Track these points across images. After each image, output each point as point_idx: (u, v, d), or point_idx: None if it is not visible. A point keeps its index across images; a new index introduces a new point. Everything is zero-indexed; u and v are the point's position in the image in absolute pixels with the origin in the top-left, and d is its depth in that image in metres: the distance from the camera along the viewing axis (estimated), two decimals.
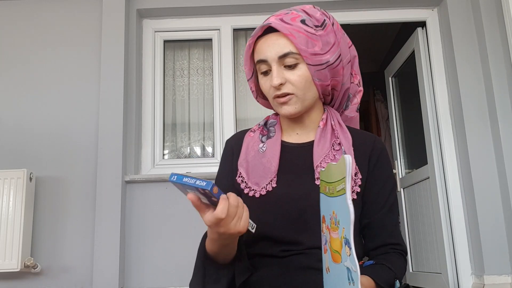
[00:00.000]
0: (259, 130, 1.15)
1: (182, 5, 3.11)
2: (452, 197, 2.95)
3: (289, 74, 1.04)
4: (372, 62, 5.54)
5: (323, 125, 1.09)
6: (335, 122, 1.10)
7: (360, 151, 1.07)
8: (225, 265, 0.99)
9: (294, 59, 1.03)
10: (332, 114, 1.11)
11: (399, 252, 1.04)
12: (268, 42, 1.05)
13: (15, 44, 3.07)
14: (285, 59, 1.03)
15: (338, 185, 0.76)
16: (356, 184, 1.03)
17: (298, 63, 1.03)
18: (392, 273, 0.97)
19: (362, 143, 1.09)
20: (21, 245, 2.61)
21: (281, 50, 1.03)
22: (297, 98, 1.04)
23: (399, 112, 3.93)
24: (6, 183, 2.68)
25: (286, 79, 1.03)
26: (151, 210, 2.84)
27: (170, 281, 2.73)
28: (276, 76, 1.03)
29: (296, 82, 1.03)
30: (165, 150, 3.15)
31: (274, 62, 1.04)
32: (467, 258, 2.85)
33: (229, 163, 1.14)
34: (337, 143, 1.06)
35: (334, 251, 0.78)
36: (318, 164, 1.03)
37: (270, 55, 1.04)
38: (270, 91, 1.06)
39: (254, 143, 1.11)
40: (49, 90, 3.00)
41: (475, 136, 2.84)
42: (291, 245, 1.01)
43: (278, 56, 1.03)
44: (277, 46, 1.03)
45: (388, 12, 3.22)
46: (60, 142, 2.92)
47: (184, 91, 3.25)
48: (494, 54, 2.85)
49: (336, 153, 1.05)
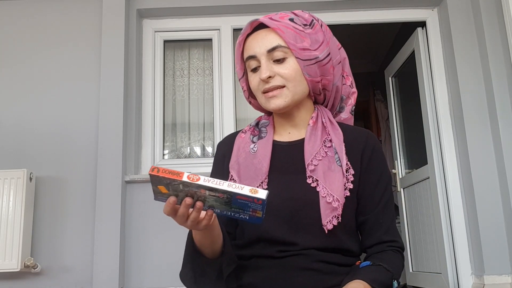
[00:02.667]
0: (250, 130, 1.15)
1: (182, 5, 3.11)
2: (452, 197, 2.95)
3: (278, 68, 1.04)
4: (372, 62, 5.54)
5: (313, 122, 1.09)
6: (326, 119, 1.10)
7: (352, 147, 1.07)
8: (212, 259, 1.00)
9: (282, 52, 1.04)
10: (323, 112, 1.12)
11: (396, 249, 1.03)
12: (257, 37, 1.06)
13: (15, 44, 3.07)
14: (274, 52, 1.04)
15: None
16: (348, 181, 1.02)
17: (286, 57, 1.04)
18: (390, 274, 0.96)
19: (355, 139, 1.08)
20: (21, 245, 2.61)
21: (269, 43, 1.04)
22: (288, 91, 1.04)
23: (399, 112, 3.93)
24: (6, 183, 2.68)
25: (275, 73, 1.04)
26: (151, 210, 2.84)
27: (170, 281, 2.73)
28: (265, 69, 1.04)
29: (285, 75, 1.04)
30: (165, 150, 3.15)
31: (263, 56, 1.04)
32: (467, 258, 2.85)
33: (220, 166, 1.14)
34: (328, 140, 1.06)
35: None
36: (309, 162, 1.03)
37: (258, 50, 1.05)
38: (259, 86, 1.06)
39: (245, 144, 1.11)
40: (49, 90, 3.00)
41: (475, 136, 2.84)
42: (287, 245, 1.01)
43: (267, 50, 1.04)
44: (265, 41, 1.04)
45: (388, 12, 3.22)
46: (60, 142, 2.92)
47: (184, 91, 3.25)
48: (494, 54, 2.85)
49: (328, 149, 1.05)
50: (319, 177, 1.01)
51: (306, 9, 3.16)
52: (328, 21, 3.15)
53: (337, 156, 1.03)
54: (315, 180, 1.01)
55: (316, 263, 0.99)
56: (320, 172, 1.01)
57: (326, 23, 3.61)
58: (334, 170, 1.02)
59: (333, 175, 1.01)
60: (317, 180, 1.01)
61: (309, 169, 1.02)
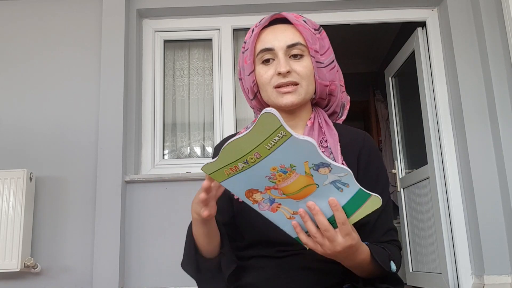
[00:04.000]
0: None
1: (182, 5, 3.11)
2: (452, 197, 2.95)
3: (295, 65, 1.04)
4: (372, 62, 5.54)
5: (310, 123, 1.09)
6: (322, 120, 1.10)
7: (348, 148, 1.07)
8: (210, 258, 1.01)
9: (300, 50, 1.05)
10: (319, 113, 1.12)
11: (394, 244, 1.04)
12: (276, 31, 1.06)
13: (15, 44, 3.07)
14: (293, 49, 1.04)
15: (267, 143, 0.73)
16: None
17: (303, 55, 1.05)
18: (386, 253, 0.97)
19: (351, 141, 1.08)
20: (21, 245, 2.61)
21: (290, 39, 1.04)
22: (301, 89, 1.05)
23: (399, 112, 3.93)
24: (6, 183, 2.68)
25: (291, 69, 1.04)
26: (151, 210, 2.84)
27: (170, 281, 2.73)
28: (284, 62, 1.03)
29: (301, 73, 1.04)
30: (165, 150, 3.15)
31: (281, 50, 1.04)
32: (467, 258, 2.85)
33: None
34: (324, 140, 1.06)
35: (297, 191, 0.80)
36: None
37: (278, 44, 1.04)
38: (272, 80, 1.05)
39: None
40: (49, 90, 3.00)
41: (475, 136, 2.84)
42: (286, 245, 1.00)
43: (287, 45, 1.04)
44: (286, 36, 1.05)
45: (388, 12, 3.22)
46: (60, 142, 2.92)
47: (184, 91, 3.25)
48: (494, 54, 2.85)
49: (324, 149, 1.05)
50: None
51: (306, 9, 3.17)
52: (328, 21, 3.15)
53: (332, 156, 1.03)
54: None
55: (315, 262, 0.99)
56: None
57: (326, 23, 3.59)
58: None
59: None
60: None
61: None
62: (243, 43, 1.14)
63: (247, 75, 1.11)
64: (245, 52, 1.11)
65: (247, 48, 1.10)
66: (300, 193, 0.81)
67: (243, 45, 1.13)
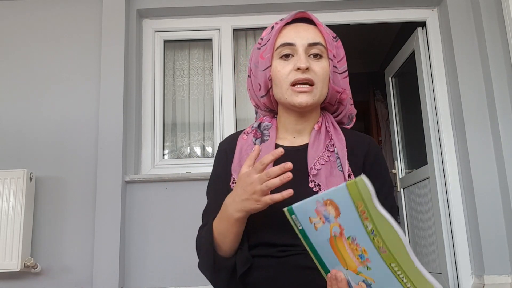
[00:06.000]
0: (253, 132, 1.13)
1: (182, 5, 3.11)
2: (452, 197, 2.95)
3: (314, 64, 1.05)
4: (372, 62, 5.54)
5: (318, 127, 1.09)
6: (329, 124, 1.10)
7: (354, 153, 1.07)
8: (228, 257, 1.01)
9: (320, 51, 1.06)
10: (327, 118, 1.12)
11: None
12: (298, 28, 1.07)
13: (15, 44, 3.07)
14: (313, 48, 1.05)
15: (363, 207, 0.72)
16: None
17: (322, 56, 1.06)
18: None
19: (357, 145, 1.09)
20: (21, 245, 2.61)
21: (312, 38, 1.06)
22: (316, 90, 1.05)
23: (399, 112, 3.93)
24: (6, 183, 2.68)
25: (310, 67, 1.04)
26: (151, 210, 2.84)
27: (170, 281, 2.73)
28: (304, 59, 1.04)
29: (319, 73, 1.05)
30: (165, 150, 3.15)
31: (302, 48, 1.05)
32: (467, 258, 2.85)
33: (223, 167, 1.13)
34: (331, 144, 1.06)
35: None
36: (312, 166, 1.03)
37: (299, 41, 1.05)
38: (289, 75, 1.05)
39: (248, 147, 1.10)
40: (49, 90, 3.00)
41: (475, 136, 2.84)
42: (287, 246, 1.00)
43: (309, 43, 1.05)
44: (308, 34, 1.06)
45: (388, 12, 3.22)
46: (60, 142, 2.92)
47: (184, 91, 3.25)
48: (494, 54, 2.85)
49: (331, 154, 1.05)
50: (321, 182, 1.01)
51: (306, 9, 3.16)
52: (328, 21, 3.15)
53: (338, 161, 1.03)
54: (317, 184, 1.01)
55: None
56: (323, 177, 1.01)
57: (326, 23, 3.59)
58: (335, 175, 1.02)
59: (334, 180, 1.01)
60: (319, 184, 1.01)
61: (312, 173, 1.02)
62: (259, 39, 1.13)
63: (261, 70, 1.10)
64: (261, 48, 1.10)
65: (264, 44, 1.10)
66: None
67: (258, 41, 1.13)
